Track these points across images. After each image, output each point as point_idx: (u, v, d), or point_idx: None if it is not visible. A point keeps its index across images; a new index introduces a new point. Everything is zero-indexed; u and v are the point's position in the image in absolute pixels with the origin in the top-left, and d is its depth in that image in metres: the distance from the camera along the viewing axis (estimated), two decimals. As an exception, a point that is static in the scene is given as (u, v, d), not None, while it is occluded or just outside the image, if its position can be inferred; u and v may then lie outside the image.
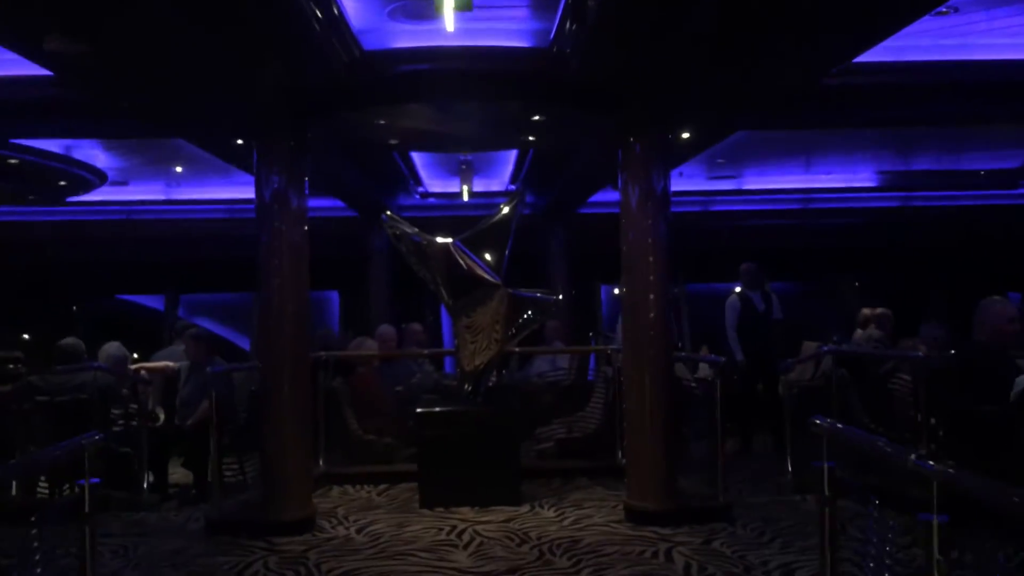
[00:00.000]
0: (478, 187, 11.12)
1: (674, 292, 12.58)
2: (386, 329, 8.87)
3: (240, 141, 6.54)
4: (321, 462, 7.36)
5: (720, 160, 9.84)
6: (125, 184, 11.37)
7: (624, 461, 7.23)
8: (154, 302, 15.04)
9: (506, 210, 6.70)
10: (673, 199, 5.87)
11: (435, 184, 11.73)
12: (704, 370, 7.68)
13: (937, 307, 13.52)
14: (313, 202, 12.82)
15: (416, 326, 10.71)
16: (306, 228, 6.02)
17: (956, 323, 11.25)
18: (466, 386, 6.72)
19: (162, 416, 7.99)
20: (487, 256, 6.55)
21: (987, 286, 13.81)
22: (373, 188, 11.06)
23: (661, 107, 5.60)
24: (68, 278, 13.59)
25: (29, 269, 13.49)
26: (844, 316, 14.96)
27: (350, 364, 8.08)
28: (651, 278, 5.81)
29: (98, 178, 10.02)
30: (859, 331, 11.54)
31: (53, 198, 11.17)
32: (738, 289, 9.09)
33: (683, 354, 7.98)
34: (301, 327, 5.89)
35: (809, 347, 12.30)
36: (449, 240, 6.51)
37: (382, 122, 5.60)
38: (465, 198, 10.67)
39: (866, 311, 11.47)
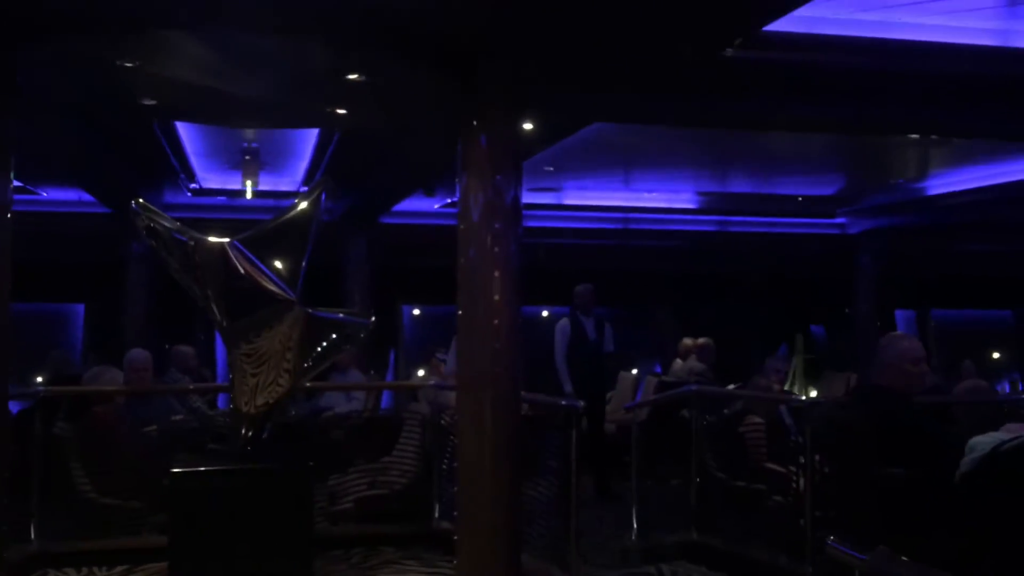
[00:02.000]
0: (265, 185, 9.45)
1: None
2: (137, 355, 7.02)
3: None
4: (33, 537, 5.51)
5: (548, 167, 8.80)
6: None
7: (444, 525, 5.97)
8: None
9: (305, 205, 5.20)
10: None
11: (211, 179, 9.90)
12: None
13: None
14: (52, 194, 10.77)
15: (185, 348, 8.99)
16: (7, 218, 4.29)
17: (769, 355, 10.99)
18: (243, 432, 5.12)
19: None
20: (277, 264, 5.02)
21: (800, 318, 13.99)
22: (130, 177, 9.10)
23: (518, 78, 4.35)
24: None
25: None
26: (659, 346, 14.56)
27: (85, 401, 6.19)
28: (497, 299, 4.55)
29: None
30: (679, 362, 10.95)
31: None
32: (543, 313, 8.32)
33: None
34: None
35: (626, 378, 11.63)
36: (226, 240, 4.92)
37: (128, 62, 3.94)
38: (249, 195, 9.00)
39: (687, 341, 10.90)
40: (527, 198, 9.80)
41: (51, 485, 5.68)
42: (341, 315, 5.63)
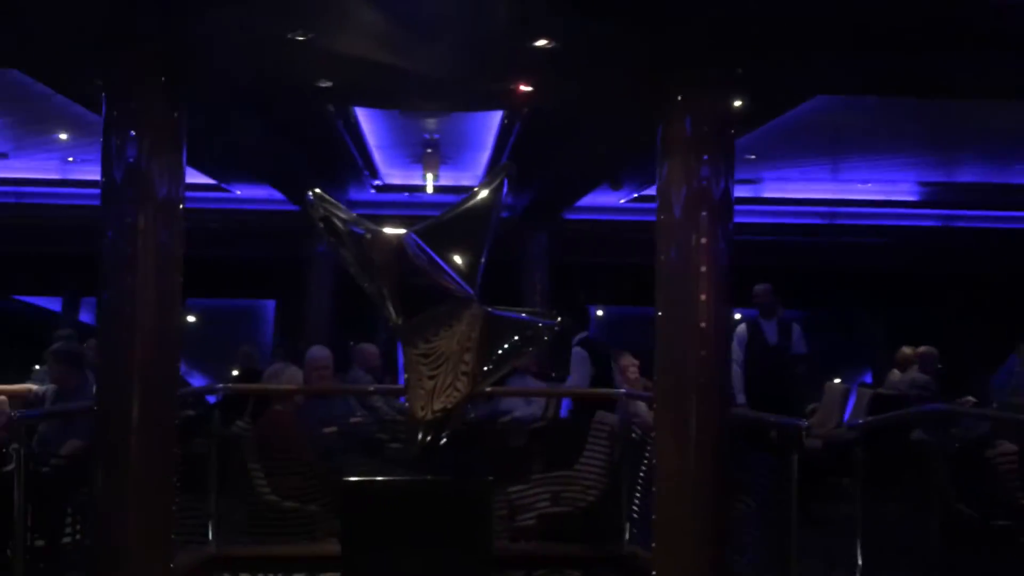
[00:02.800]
0: (446, 179, 9.20)
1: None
2: (317, 353, 6.88)
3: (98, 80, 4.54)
4: (211, 538, 5.39)
5: (750, 155, 8.01)
6: (5, 157, 9.28)
7: (637, 550, 5.41)
8: (53, 304, 12.87)
9: (485, 193, 4.76)
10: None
11: (393, 174, 9.78)
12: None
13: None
14: (245, 191, 11.01)
15: (369, 347, 8.82)
16: (180, 211, 4.11)
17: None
18: (419, 438, 4.76)
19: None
20: (456, 258, 4.59)
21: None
22: (313, 173, 9.07)
23: (727, 40, 3.72)
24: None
25: None
26: (865, 354, 13.30)
27: (264, 400, 6.06)
28: (703, 300, 3.94)
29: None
30: (896, 372, 9.80)
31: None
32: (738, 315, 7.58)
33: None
34: (167, 351, 3.94)
35: (834, 389, 10.55)
36: (402, 232, 4.54)
37: (299, 35, 3.63)
38: (429, 190, 8.76)
39: (906, 350, 9.72)
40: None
41: (229, 485, 5.57)
42: (524, 315, 5.17)
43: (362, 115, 7.06)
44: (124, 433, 3.73)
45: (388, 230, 4.62)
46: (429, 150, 8.35)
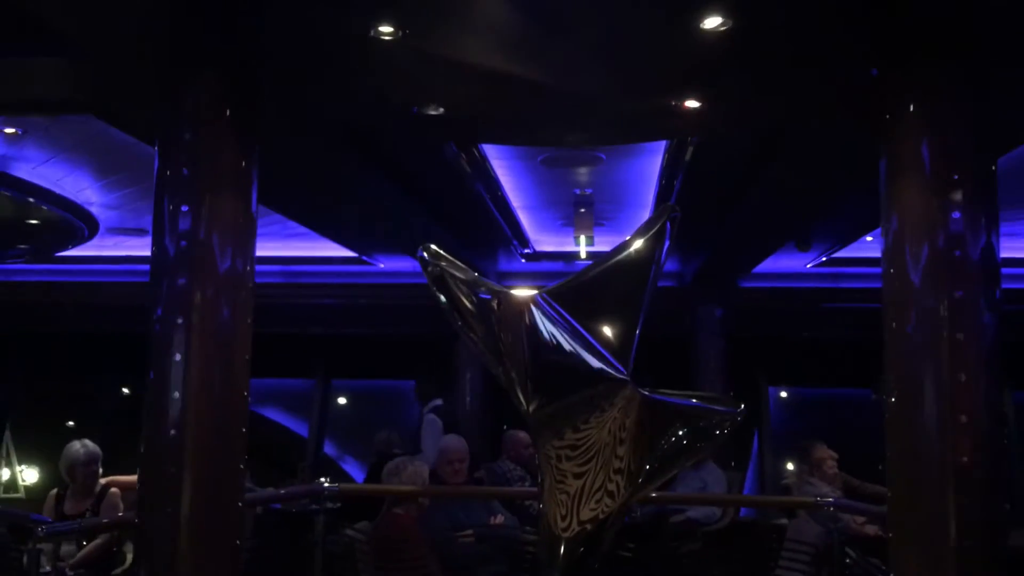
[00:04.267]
0: (602, 243, 8.22)
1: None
2: (451, 444, 6.02)
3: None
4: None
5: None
6: (145, 233, 9.09)
7: None
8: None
9: (640, 244, 3.74)
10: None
11: (543, 240, 8.91)
12: None
13: None
14: (388, 263, 10.45)
15: (521, 434, 7.93)
16: (248, 277, 3.34)
17: None
18: (560, 561, 3.69)
19: (129, 558, 5.54)
20: (604, 328, 3.58)
21: None
22: (455, 242, 8.34)
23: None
24: (84, 354, 11.41)
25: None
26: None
27: (378, 499, 5.19)
28: (963, 381, 2.75)
29: (87, 226, 7.72)
30: None
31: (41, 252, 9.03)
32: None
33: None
34: (228, 449, 3.10)
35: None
36: (532, 293, 3.60)
37: (386, 29, 2.79)
38: (583, 255, 7.84)
39: None
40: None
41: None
42: (694, 400, 4.06)
43: (500, 169, 6.25)
44: (168, 555, 2.90)
45: (518, 292, 3.70)
46: (582, 209, 7.43)
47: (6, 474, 11.83)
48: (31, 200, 6.65)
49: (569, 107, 3.60)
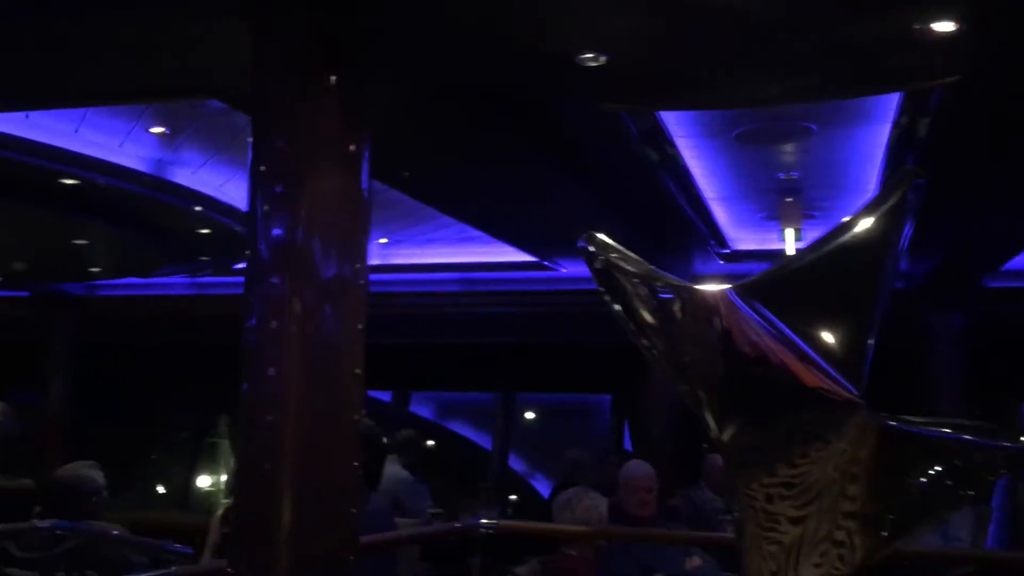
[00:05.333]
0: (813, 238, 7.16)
1: None
2: (636, 470, 5.27)
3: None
4: None
5: None
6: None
7: None
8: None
9: (870, 222, 2.83)
10: None
11: (743, 237, 7.95)
12: None
13: None
14: (571, 269, 9.78)
15: (720, 459, 7.05)
16: (359, 280, 2.75)
17: None
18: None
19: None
20: (824, 333, 2.69)
21: None
22: (644, 241, 7.53)
23: None
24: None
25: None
26: None
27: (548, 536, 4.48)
28: None
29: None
30: None
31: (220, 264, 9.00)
32: None
33: None
34: (337, 483, 2.50)
35: None
36: (724, 288, 2.78)
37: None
38: (791, 251, 6.87)
39: None
40: None
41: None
42: (948, 430, 3.08)
43: (688, 151, 5.40)
44: None
45: (706, 288, 2.92)
46: (787, 198, 6.46)
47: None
48: (197, 209, 6.50)
49: (770, 45, 2.77)
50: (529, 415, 12.99)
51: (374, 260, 9.78)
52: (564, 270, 9.60)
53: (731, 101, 3.91)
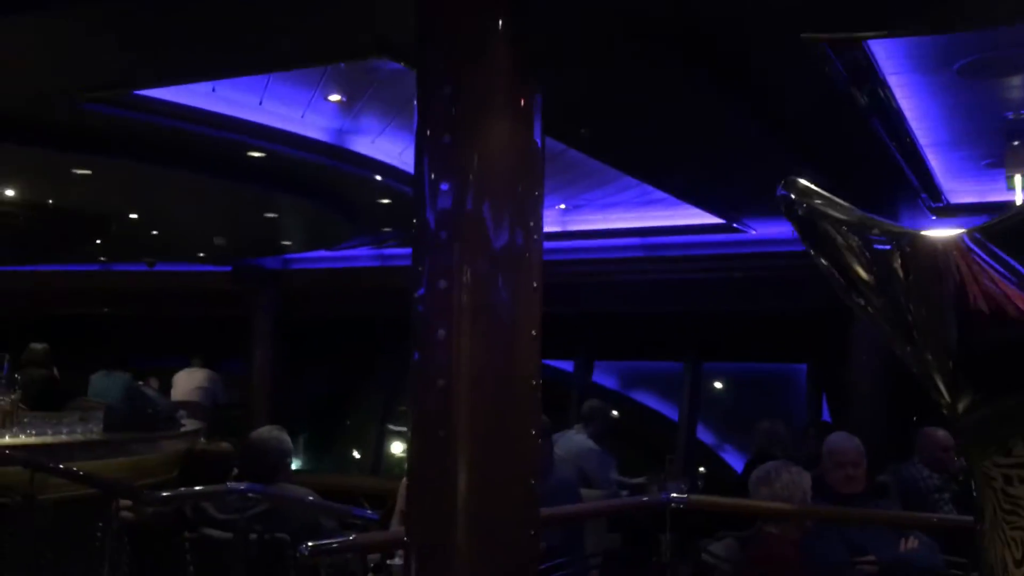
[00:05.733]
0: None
1: None
2: (841, 443, 4.80)
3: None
4: None
5: None
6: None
7: None
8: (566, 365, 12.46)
9: None
10: None
11: (960, 189, 7.19)
12: None
13: None
14: (761, 229, 9.22)
15: (942, 434, 6.52)
16: (535, 250, 2.54)
17: None
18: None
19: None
20: None
21: None
22: (843, 194, 6.90)
23: None
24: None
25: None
26: None
27: (743, 513, 4.15)
28: None
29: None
30: None
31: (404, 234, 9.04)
32: None
33: None
34: (516, 455, 2.32)
35: None
36: (957, 235, 2.37)
37: None
38: (1020, 202, 6.13)
39: None
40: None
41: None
42: None
43: (899, 88, 4.84)
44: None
45: (934, 234, 2.52)
46: (1016, 142, 5.73)
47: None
48: (377, 178, 6.53)
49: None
50: (717, 385, 12.53)
51: (554, 227, 9.69)
52: (754, 232, 9.07)
53: (957, 22, 3.40)
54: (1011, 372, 2.34)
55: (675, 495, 3.36)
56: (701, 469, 11.39)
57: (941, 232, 2.42)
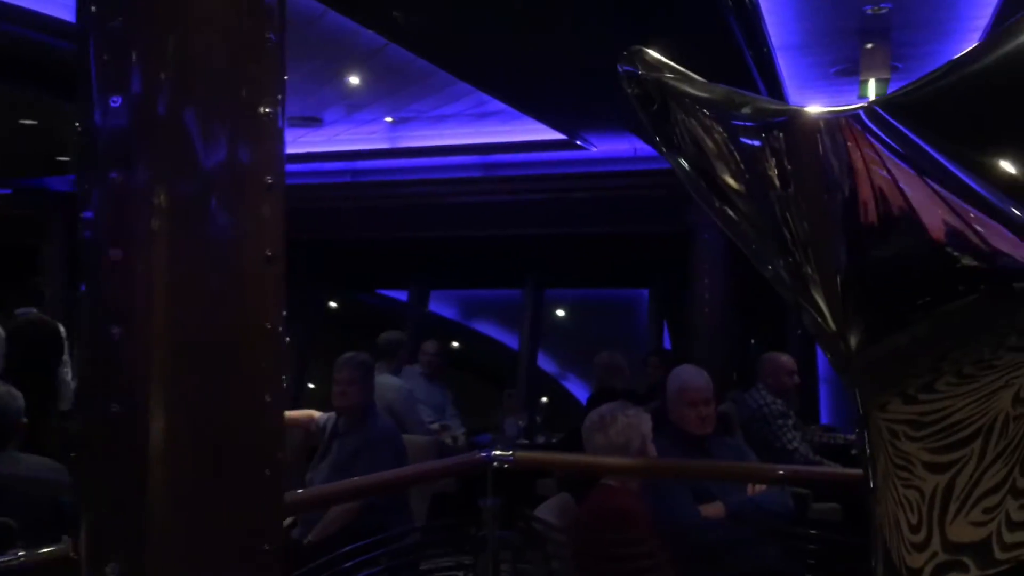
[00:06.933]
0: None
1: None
2: (691, 379, 4.31)
3: None
4: None
5: None
6: (319, 124, 7.93)
7: None
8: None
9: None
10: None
11: (809, 94, 6.83)
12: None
13: None
14: (603, 146, 8.67)
15: (780, 358, 6.29)
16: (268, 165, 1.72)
17: None
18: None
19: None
20: (1016, 172, 1.69)
21: None
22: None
23: None
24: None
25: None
26: None
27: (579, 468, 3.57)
28: None
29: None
30: None
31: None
32: None
33: None
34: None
35: None
36: (852, 111, 1.76)
37: None
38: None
39: None
40: None
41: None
42: None
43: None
44: None
45: (819, 112, 1.96)
46: (868, 44, 5.34)
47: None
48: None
49: None
50: (560, 313, 12.17)
51: (381, 143, 8.83)
52: (595, 149, 8.55)
53: None
54: (906, 299, 1.79)
55: (497, 452, 2.74)
56: (544, 399, 11.07)
57: (828, 111, 1.83)
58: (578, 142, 8.26)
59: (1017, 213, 1.60)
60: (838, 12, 4.91)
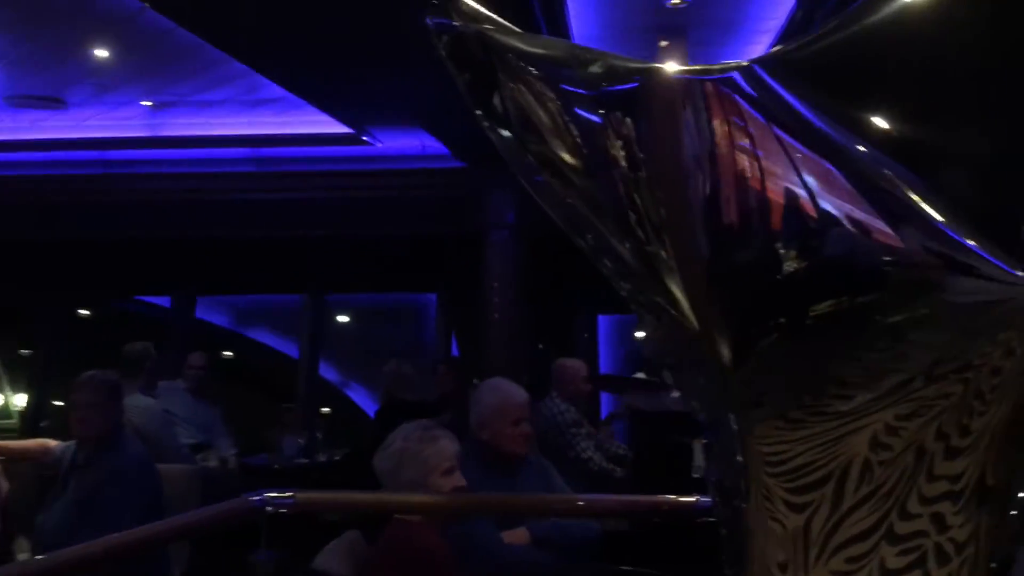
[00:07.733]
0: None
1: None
2: (511, 394, 3.94)
3: None
4: None
5: None
6: (63, 105, 6.96)
7: None
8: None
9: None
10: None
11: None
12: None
13: None
14: (389, 143, 8.21)
15: (572, 364, 6.18)
16: None
17: None
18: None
19: (20, 554, 4.19)
20: (937, 142, 1.39)
21: None
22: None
23: None
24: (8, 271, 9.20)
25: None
26: None
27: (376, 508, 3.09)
28: None
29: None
30: None
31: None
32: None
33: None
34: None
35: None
36: (721, 69, 1.43)
37: None
38: None
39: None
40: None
41: None
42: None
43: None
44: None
45: (675, 71, 1.64)
46: (663, 41, 5.24)
47: None
48: None
49: None
50: (343, 319, 11.63)
51: (137, 131, 7.93)
52: (380, 144, 8.11)
53: None
54: (766, 301, 1.50)
55: (272, 495, 2.22)
56: (326, 410, 10.50)
57: (692, 70, 1.52)
58: (364, 137, 7.79)
59: (889, 180, 1.34)
60: (636, 6, 4.76)
